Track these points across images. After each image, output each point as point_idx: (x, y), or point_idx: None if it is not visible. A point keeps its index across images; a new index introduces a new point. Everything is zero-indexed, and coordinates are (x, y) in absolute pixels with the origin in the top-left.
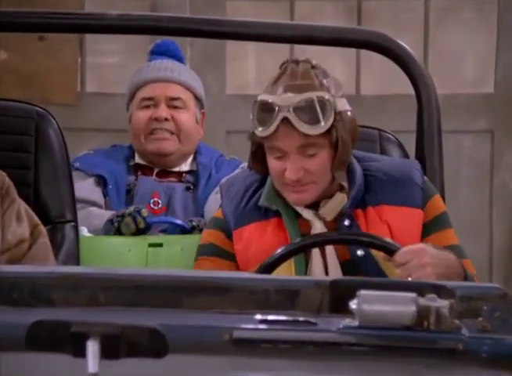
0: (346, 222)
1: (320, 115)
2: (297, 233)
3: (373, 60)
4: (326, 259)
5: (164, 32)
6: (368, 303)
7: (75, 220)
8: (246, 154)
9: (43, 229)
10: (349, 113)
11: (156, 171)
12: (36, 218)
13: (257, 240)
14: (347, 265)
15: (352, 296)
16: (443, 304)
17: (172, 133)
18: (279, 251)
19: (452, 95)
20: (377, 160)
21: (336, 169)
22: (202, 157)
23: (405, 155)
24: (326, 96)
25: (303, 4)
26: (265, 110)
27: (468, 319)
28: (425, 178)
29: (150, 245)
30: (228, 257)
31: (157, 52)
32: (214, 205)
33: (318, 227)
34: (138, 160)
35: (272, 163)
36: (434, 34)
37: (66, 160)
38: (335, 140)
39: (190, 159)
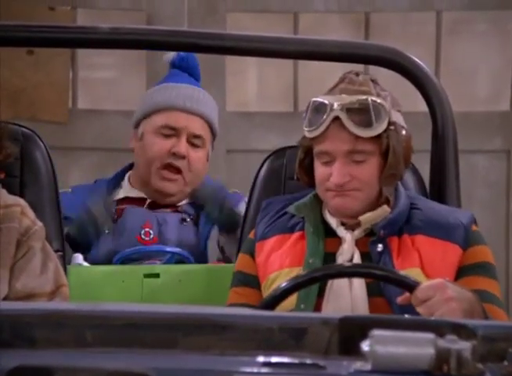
0: (379, 248)
1: (373, 117)
2: (317, 248)
3: (381, 75)
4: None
5: (159, 47)
6: (381, 344)
7: (63, 249)
8: (248, 175)
9: (66, 291)
10: (404, 131)
11: (148, 201)
12: (63, 279)
13: (276, 251)
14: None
15: (364, 336)
16: (464, 346)
17: (180, 172)
18: (283, 284)
19: (465, 114)
20: (428, 201)
21: (384, 181)
22: (203, 188)
23: (420, 179)
24: (382, 102)
25: (307, 16)
26: (318, 110)
27: (492, 362)
28: (475, 228)
29: (146, 276)
30: (255, 284)
31: (180, 67)
32: (216, 240)
33: (346, 248)
34: (129, 192)
35: (319, 169)
36: (446, 48)
37: (54, 184)
38: (385, 148)
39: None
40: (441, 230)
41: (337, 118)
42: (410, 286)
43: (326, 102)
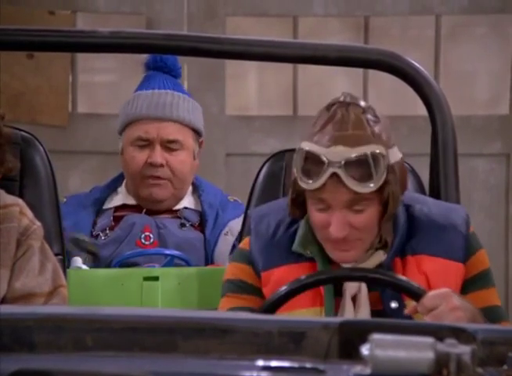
0: None
1: (374, 172)
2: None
3: (381, 79)
4: (356, 309)
5: (159, 50)
6: (381, 348)
7: (62, 253)
8: (247, 178)
9: (64, 291)
10: (399, 159)
11: (144, 210)
12: (62, 280)
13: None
14: (378, 316)
15: (363, 339)
16: (464, 350)
17: (165, 179)
18: (283, 287)
19: (465, 117)
20: (422, 203)
21: (384, 224)
22: (205, 195)
23: (419, 183)
24: (380, 150)
25: (307, 20)
26: (313, 162)
27: (491, 367)
28: (471, 229)
29: (145, 279)
30: (258, 293)
31: (155, 68)
32: (225, 247)
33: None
34: (127, 199)
35: (315, 215)
36: (446, 52)
37: (54, 188)
38: (386, 196)
39: (188, 198)
40: (442, 247)
41: (334, 174)
42: (417, 294)
43: (322, 155)
